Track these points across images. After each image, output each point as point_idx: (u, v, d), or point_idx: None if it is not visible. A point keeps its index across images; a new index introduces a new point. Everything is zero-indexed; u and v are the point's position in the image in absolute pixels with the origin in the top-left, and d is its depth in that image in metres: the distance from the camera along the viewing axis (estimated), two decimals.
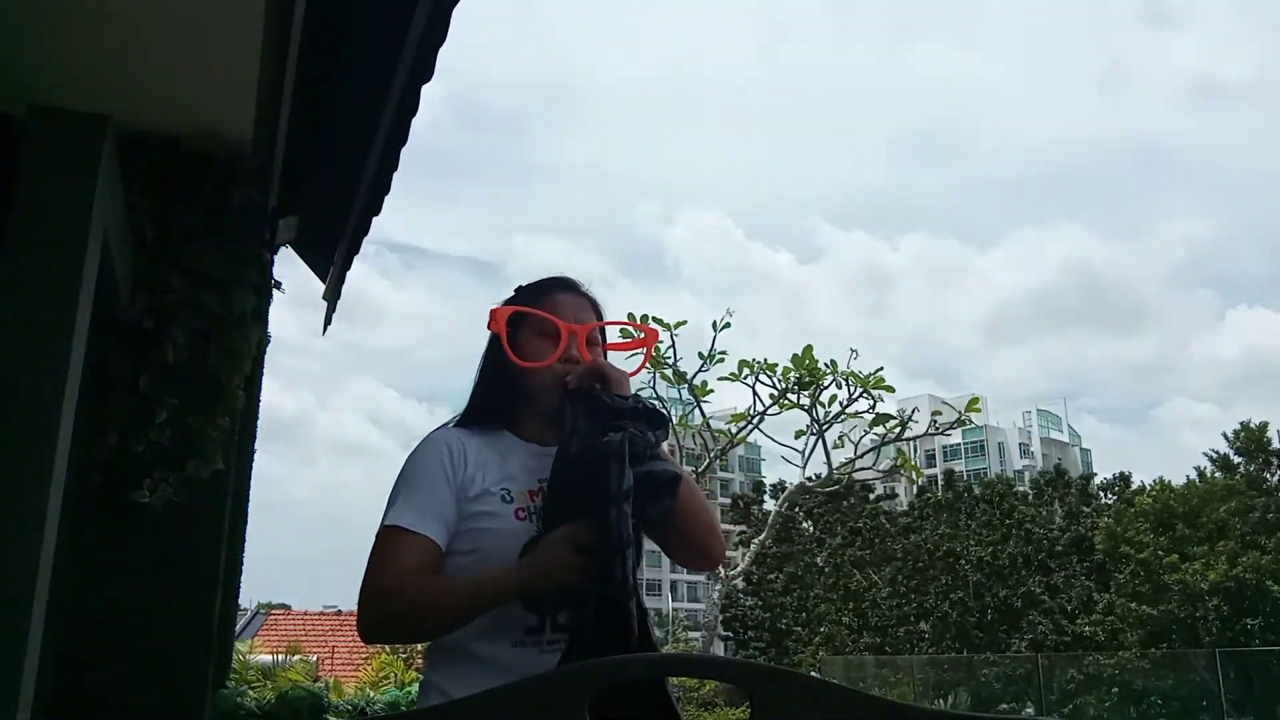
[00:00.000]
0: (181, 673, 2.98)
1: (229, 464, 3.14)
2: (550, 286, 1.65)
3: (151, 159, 2.96)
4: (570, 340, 1.57)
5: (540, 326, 1.59)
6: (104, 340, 2.83)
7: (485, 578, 1.42)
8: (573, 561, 1.35)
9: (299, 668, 8.16)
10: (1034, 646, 23.11)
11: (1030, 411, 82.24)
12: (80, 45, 2.43)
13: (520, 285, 1.69)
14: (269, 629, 19.71)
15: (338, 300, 4.71)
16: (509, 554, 1.43)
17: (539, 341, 1.58)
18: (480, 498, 1.49)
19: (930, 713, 0.87)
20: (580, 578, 1.34)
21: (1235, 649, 19.33)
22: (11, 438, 2.23)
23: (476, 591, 1.40)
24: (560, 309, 1.60)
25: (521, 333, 1.59)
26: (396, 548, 1.42)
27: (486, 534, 1.47)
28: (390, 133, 3.03)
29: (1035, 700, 20.72)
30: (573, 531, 1.37)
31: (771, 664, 1.43)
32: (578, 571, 1.35)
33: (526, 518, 1.49)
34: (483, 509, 1.48)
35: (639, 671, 1.26)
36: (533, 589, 1.38)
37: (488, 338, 1.65)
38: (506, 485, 1.51)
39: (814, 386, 11.01)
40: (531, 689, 0.89)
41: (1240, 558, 20.57)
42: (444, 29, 2.52)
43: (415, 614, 1.40)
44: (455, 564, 1.46)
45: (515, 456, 1.56)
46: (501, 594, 1.38)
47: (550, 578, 1.36)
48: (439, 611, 1.40)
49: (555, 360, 1.55)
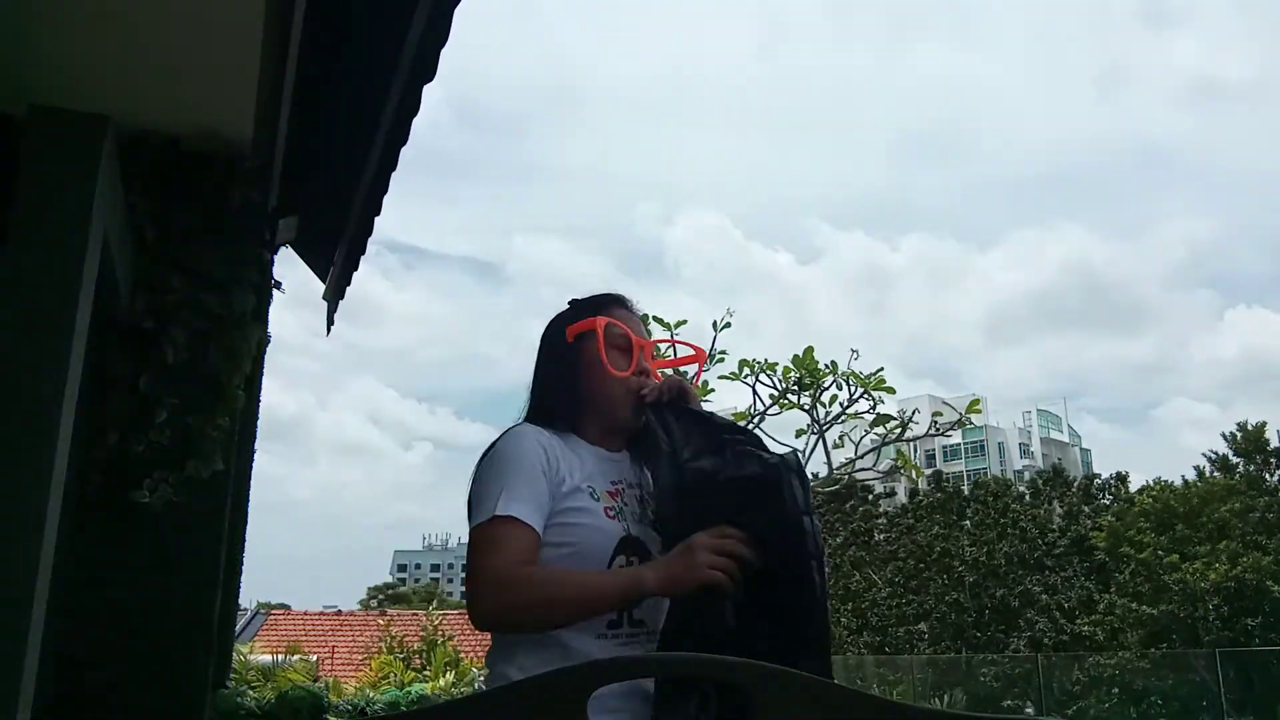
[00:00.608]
0: (181, 673, 2.98)
1: (229, 464, 3.14)
2: (610, 301, 1.72)
3: (151, 159, 2.95)
4: (640, 354, 1.65)
5: (613, 339, 1.65)
6: (104, 340, 2.83)
7: (626, 573, 1.46)
8: (715, 562, 1.38)
9: (299, 668, 8.16)
10: (1032, 646, 23.10)
11: (1030, 411, 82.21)
12: (80, 45, 2.43)
13: (575, 299, 1.75)
14: (269, 629, 19.70)
15: (340, 300, 4.70)
16: (602, 550, 1.50)
17: (613, 354, 1.64)
18: (572, 494, 1.53)
19: (930, 712, 0.86)
20: (721, 578, 1.38)
21: (1235, 649, 19.32)
22: (11, 438, 2.23)
23: (620, 586, 1.43)
24: (625, 323, 1.67)
25: (595, 344, 1.64)
26: (512, 537, 1.44)
27: (581, 529, 1.51)
28: (391, 133, 3.03)
29: (1035, 700, 20.71)
30: (714, 535, 1.41)
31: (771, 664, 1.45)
32: (720, 572, 1.38)
33: (614, 516, 1.54)
34: (575, 505, 1.52)
35: (639, 672, 1.27)
36: (675, 589, 1.41)
37: (550, 341, 1.71)
38: (591, 484, 1.56)
39: (814, 387, 11.00)
40: (532, 689, 0.89)
41: (1241, 558, 20.56)
42: (446, 29, 2.52)
43: (546, 603, 1.42)
44: (548, 556, 1.49)
45: (588, 458, 1.61)
46: (642, 592, 1.42)
47: (691, 576, 1.38)
48: (571, 603, 1.42)
49: (632, 372, 1.63)
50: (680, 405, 1.59)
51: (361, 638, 16.47)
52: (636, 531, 1.54)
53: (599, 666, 0.90)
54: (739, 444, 1.50)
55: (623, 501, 1.57)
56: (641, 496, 1.60)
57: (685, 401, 1.60)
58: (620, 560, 1.51)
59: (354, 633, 18.83)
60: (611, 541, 1.51)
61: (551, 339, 1.71)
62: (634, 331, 1.67)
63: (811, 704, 0.84)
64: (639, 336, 1.67)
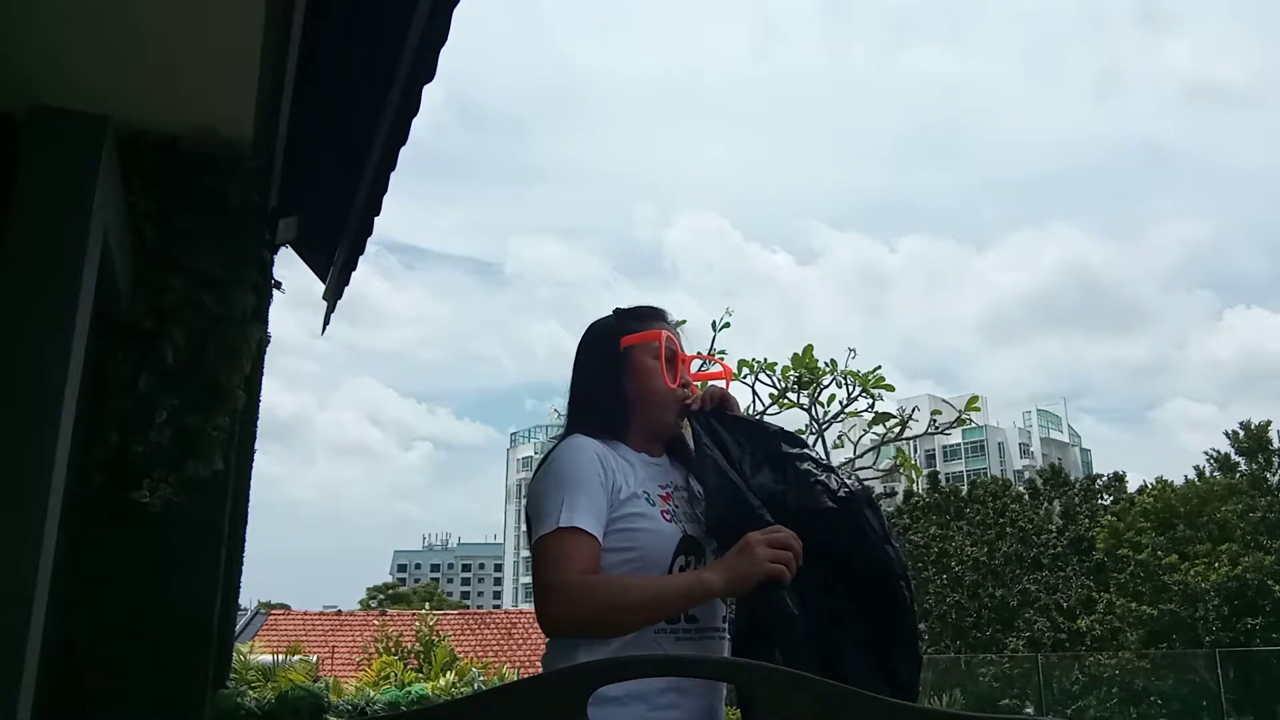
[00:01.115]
0: (181, 673, 2.98)
1: (229, 464, 3.13)
2: (650, 314, 1.79)
3: (151, 159, 2.95)
4: (683, 367, 1.74)
5: (656, 351, 1.71)
6: (104, 340, 2.83)
7: (687, 577, 1.52)
8: (775, 556, 1.44)
9: (299, 668, 8.15)
10: (1031, 646, 23.09)
11: (1030, 411, 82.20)
12: (80, 45, 2.43)
13: (619, 308, 1.81)
14: (269, 629, 19.68)
15: (338, 299, 4.70)
16: (664, 553, 1.56)
17: (657, 365, 1.70)
18: (629, 500, 1.59)
19: (929, 712, 0.87)
20: (782, 571, 1.44)
21: (1235, 649, 19.31)
22: (11, 438, 2.23)
23: (684, 590, 1.49)
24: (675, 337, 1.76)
25: (648, 355, 1.72)
26: (577, 548, 1.49)
27: (642, 534, 1.56)
28: (391, 133, 3.02)
29: (1034, 700, 20.71)
30: (767, 533, 1.48)
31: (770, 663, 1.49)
32: (780, 564, 1.44)
33: (670, 519, 1.60)
34: (634, 510, 1.58)
35: (639, 672, 1.27)
36: (740, 588, 1.46)
37: (596, 350, 1.76)
38: (645, 489, 1.62)
39: (813, 386, 11.00)
40: (531, 689, 0.89)
41: (1242, 558, 20.55)
42: (445, 29, 2.52)
43: (615, 610, 1.47)
44: (611, 561, 1.54)
45: (637, 465, 1.67)
46: (708, 594, 1.48)
47: (755, 574, 1.44)
48: (639, 609, 1.47)
49: (678, 384, 1.71)
50: (723, 412, 1.68)
51: (361, 638, 16.46)
52: (692, 532, 1.61)
53: (599, 667, 0.90)
54: (797, 459, 1.60)
55: (675, 504, 1.63)
56: (690, 498, 1.68)
57: (727, 410, 1.69)
58: (681, 561, 1.58)
59: (354, 633, 18.81)
60: (671, 544, 1.57)
61: (600, 347, 1.76)
62: (679, 345, 1.75)
63: (810, 703, 0.84)
64: (682, 350, 1.75)
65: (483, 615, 23.28)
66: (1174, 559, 21.38)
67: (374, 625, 15.35)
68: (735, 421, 1.67)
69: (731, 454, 1.62)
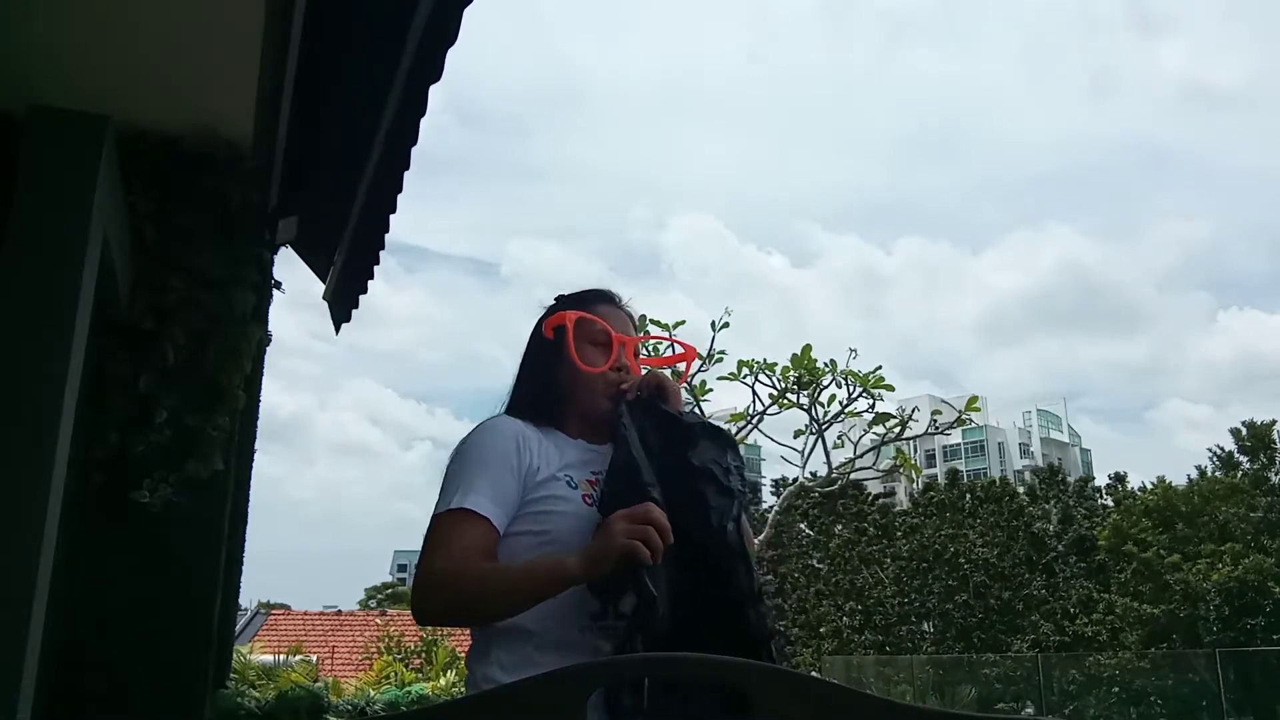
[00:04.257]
0: (181, 673, 2.98)
1: (229, 464, 3.13)
2: (595, 298, 1.74)
3: (151, 159, 2.95)
4: (620, 350, 1.66)
5: (591, 334, 1.67)
6: (104, 340, 2.83)
7: (548, 561, 1.42)
8: (632, 531, 1.34)
9: (299, 668, 8.16)
10: (1034, 647, 23.10)
11: (1030, 411, 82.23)
12: (80, 45, 2.43)
13: (562, 294, 1.76)
14: (269, 629, 19.70)
15: (362, 294, 4.64)
16: (580, 536, 1.46)
17: (590, 349, 1.66)
18: (547, 482, 1.53)
19: (930, 712, 0.87)
20: (639, 547, 1.33)
21: (1236, 649, 19.31)
22: (11, 438, 2.23)
23: (543, 576, 1.40)
24: (608, 319, 1.68)
25: (574, 339, 1.66)
26: (461, 531, 1.44)
27: (557, 516, 1.50)
28: (392, 132, 3.02)
29: (1035, 700, 20.71)
30: (629, 510, 1.38)
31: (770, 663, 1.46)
32: (638, 540, 1.33)
33: (593, 504, 1.52)
34: (550, 493, 1.52)
35: (639, 672, 1.26)
36: (596, 569, 1.37)
37: (534, 337, 1.73)
38: (568, 473, 1.56)
39: (813, 386, 11.00)
40: (531, 689, 0.89)
41: (1243, 558, 20.55)
42: (455, 30, 2.51)
43: (482, 599, 1.41)
44: (524, 544, 1.48)
45: (569, 450, 1.61)
46: (565, 577, 1.38)
47: (609, 552, 1.34)
48: (502, 596, 1.41)
49: (609, 367, 1.64)
50: (652, 402, 1.60)
51: (361, 638, 16.47)
52: None
53: (599, 667, 0.90)
54: (701, 476, 1.50)
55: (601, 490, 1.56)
56: None
57: (662, 398, 1.61)
58: None
59: (354, 633, 18.82)
60: (587, 527, 1.47)
61: (533, 334, 1.73)
62: (615, 327, 1.68)
63: (810, 703, 0.84)
64: (620, 333, 1.67)
65: None
66: (1177, 559, 21.37)
67: (375, 625, 15.36)
68: (660, 412, 1.58)
69: (639, 438, 1.54)
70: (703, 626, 1.40)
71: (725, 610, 1.43)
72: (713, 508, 1.47)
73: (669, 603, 1.35)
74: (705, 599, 1.43)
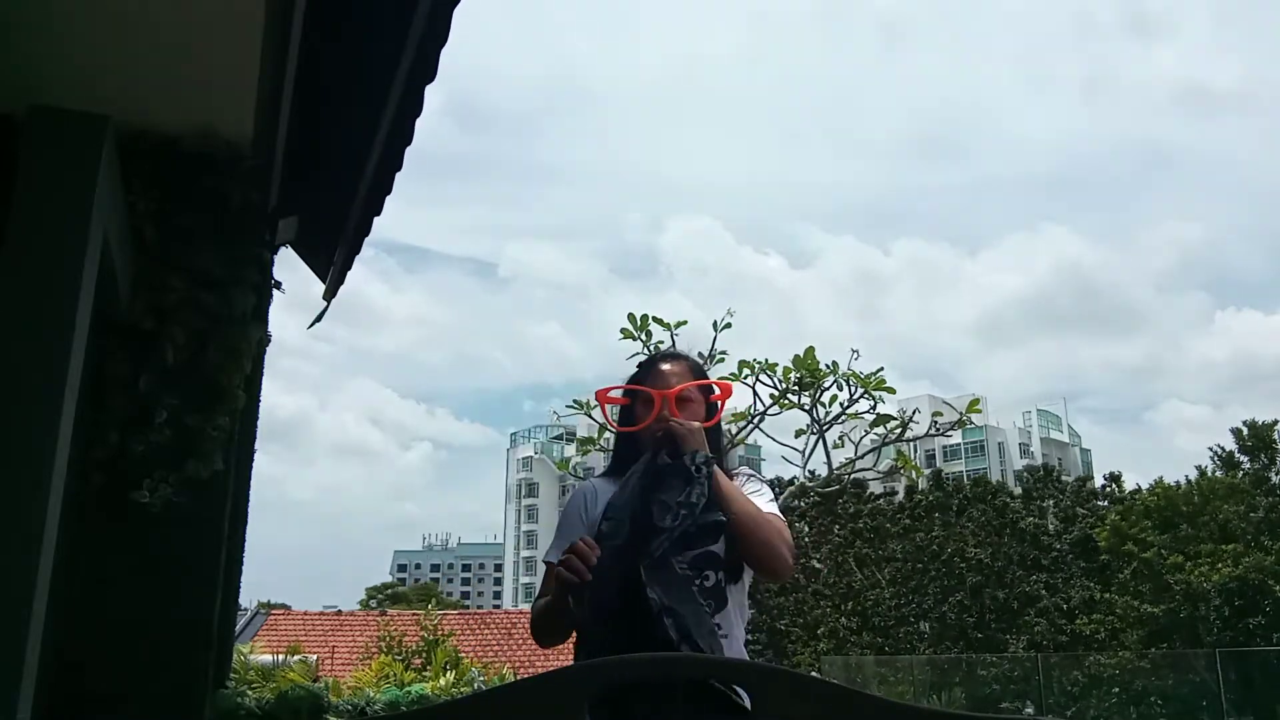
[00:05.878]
0: (181, 673, 2.97)
1: (229, 464, 3.13)
2: (655, 359, 2.15)
3: (151, 159, 2.95)
4: (663, 404, 1.97)
5: (642, 395, 2.03)
6: (104, 340, 2.83)
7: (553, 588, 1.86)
8: (563, 559, 1.73)
9: (299, 668, 8.15)
10: (1032, 647, 23.07)
11: (1030, 412, 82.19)
12: (80, 45, 2.43)
13: (640, 362, 2.18)
14: (269, 629, 19.67)
15: (333, 295, 4.68)
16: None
17: (641, 408, 2.02)
18: (594, 525, 1.90)
19: (929, 712, 0.86)
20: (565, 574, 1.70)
21: (1236, 649, 19.29)
22: (11, 438, 2.23)
23: (549, 605, 1.86)
24: (658, 377, 2.04)
25: (633, 403, 2.06)
26: (546, 579, 1.91)
27: None
28: (392, 132, 3.02)
29: (1035, 700, 20.69)
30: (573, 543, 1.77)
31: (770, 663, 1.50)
32: (563, 567, 1.71)
33: None
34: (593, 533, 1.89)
35: (639, 672, 1.27)
36: (559, 596, 1.78)
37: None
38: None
39: (815, 387, 10.98)
40: (531, 689, 0.89)
41: (1244, 558, 20.52)
42: (445, 30, 2.52)
43: (534, 629, 1.96)
44: None
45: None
46: (556, 601, 1.80)
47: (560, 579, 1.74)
48: (536, 625, 1.95)
49: (649, 423, 1.97)
50: (659, 449, 1.86)
51: (361, 638, 16.46)
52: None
53: (599, 667, 0.90)
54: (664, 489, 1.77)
55: None
56: None
57: (674, 446, 1.85)
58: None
59: (354, 633, 18.81)
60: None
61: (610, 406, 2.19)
62: (663, 384, 2.00)
63: (810, 703, 0.84)
64: (664, 388, 1.98)
65: (483, 615, 23.27)
66: (1178, 559, 21.35)
67: (375, 625, 15.35)
68: (648, 462, 1.83)
69: (629, 484, 1.85)
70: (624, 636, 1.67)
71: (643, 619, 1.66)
72: (652, 537, 1.74)
73: (605, 613, 1.67)
74: (635, 612, 1.69)
